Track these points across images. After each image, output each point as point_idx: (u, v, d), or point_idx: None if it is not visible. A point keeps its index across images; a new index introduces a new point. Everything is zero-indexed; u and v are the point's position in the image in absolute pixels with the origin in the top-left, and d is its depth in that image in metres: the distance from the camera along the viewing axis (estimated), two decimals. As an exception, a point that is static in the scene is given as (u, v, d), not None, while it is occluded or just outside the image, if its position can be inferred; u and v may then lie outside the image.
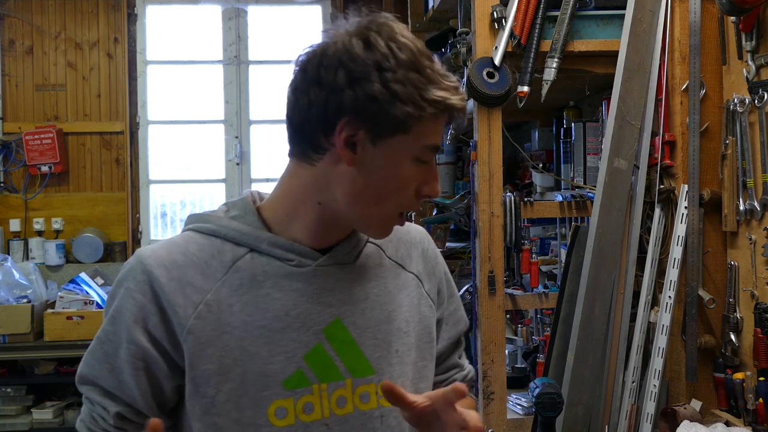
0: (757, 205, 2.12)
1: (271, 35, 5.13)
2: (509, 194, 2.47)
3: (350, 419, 1.10)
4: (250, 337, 1.06)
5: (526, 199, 2.52)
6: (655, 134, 2.37)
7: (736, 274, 2.22)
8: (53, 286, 4.61)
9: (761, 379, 2.05)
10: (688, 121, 2.28)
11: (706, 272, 2.29)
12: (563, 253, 2.62)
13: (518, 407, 2.55)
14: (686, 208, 2.26)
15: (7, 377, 4.35)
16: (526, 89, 2.39)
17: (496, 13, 2.39)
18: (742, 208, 2.18)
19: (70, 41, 4.89)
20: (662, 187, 2.35)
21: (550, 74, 2.40)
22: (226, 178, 5.09)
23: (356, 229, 1.14)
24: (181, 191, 5.20)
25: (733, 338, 2.20)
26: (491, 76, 2.39)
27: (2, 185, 4.82)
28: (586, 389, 2.32)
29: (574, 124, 2.79)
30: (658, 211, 2.35)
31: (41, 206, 4.82)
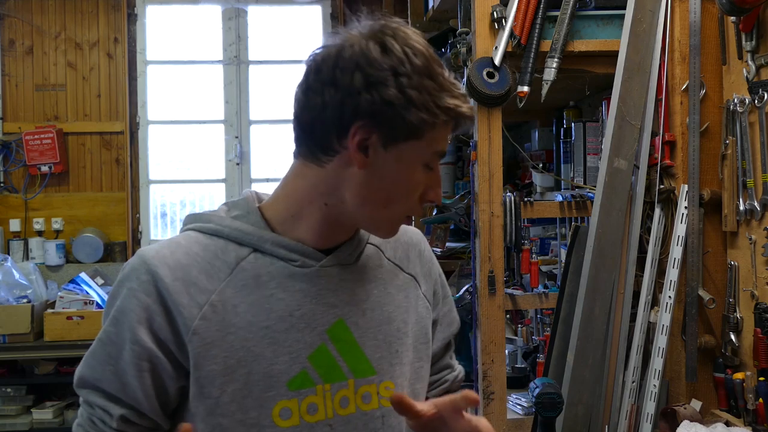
0: (757, 205, 2.13)
1: (271, 35, 5.12)
2: (509, 194, 2.47)
3: (353, 420, 1.10)
4: (254, 337, 1.05)
5: (526, 199, 2.52)
6: (655, 134, 2.38)
7: (736, 274, 2.22)
8: (53, 286, 4.61)
9: (761, 379, 2.05)
10: (688, 121, 2.29)
11: (706, 272, 2.30)
12: (563, 253, 2.62)
13: (518, 407, 2.55)
14: (686, 208, 2.26)
15: (7, 377, 4.34)
16: (526, 89, 2.40)
17: (496, 13, 2.40)
18: (742, 208, 2.18)
19: (70, 41, 4.88)
20: (662, 187, 2.35)
21: (550, 74, 2.40)
22: (226, 178, 5.08)
23: (364, 229, 1.14)
24: (181, 191, 5.19)
25: (733, 338, 2.21)
26: (491, 76, 2.39)
27: (2, 185, 4.82)
28: (586, 389, 2.32)
29: (574, 124, 2.79)
30: (658, 211, 2.36)
31: (41, 206, 4.82)
